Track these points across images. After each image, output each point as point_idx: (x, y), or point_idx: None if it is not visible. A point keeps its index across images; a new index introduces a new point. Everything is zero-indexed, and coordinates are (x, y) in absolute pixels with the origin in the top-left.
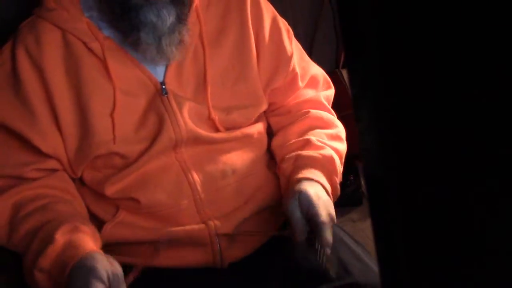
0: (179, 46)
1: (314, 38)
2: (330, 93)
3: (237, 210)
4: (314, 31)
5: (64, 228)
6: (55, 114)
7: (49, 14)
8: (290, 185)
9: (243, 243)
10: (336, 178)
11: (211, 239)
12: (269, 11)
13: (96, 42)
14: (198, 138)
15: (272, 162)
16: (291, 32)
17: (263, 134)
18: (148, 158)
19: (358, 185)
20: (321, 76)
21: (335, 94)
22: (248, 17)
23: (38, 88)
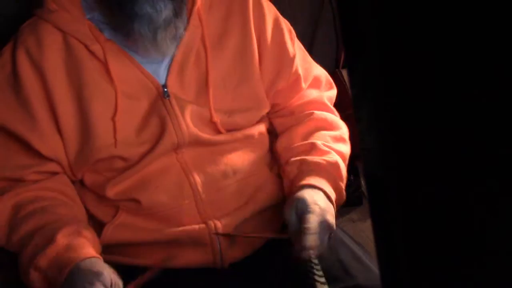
0: (174, 40)
1: (314, 38)
2: (333, 93)
3: (238, 210)
4: (314, 31)
5: (65, 230)
6: (56, 117)
7: (50, 15)
8: (293, 190)
9: (243, 244)
10: (341, 183)
11: (211, 239)
12: (271, 12)
13: (97, 45)
14: (199, 141)
15: (273, 162)
16: (293, 32)
17: (265, 135)
18: (149, 160)
19: (358, 185)
20: (323, 76)
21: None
22: (250, 19)
23: (38, 90)
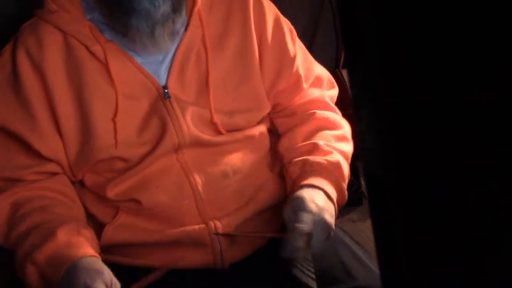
0: (172, 36)
1: (314, 38)
2: (334, 93)
3: (238, 210)
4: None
5: (65, 227)
6: (56, 117)
7: (50, 16)
8: (294, 190)
9: (244, 244)
10: (343, 183)
11: (212, 240)
12: (271, 12)
13: (98, 46)
14: (200, 142)
15: (273, 162)
16: (294, 32)
17: (265, 135)
18: (150, 161)
19: (358, 185)
20: (325, 76)
21: None
22: (250, 19)
23: (38, 90)
